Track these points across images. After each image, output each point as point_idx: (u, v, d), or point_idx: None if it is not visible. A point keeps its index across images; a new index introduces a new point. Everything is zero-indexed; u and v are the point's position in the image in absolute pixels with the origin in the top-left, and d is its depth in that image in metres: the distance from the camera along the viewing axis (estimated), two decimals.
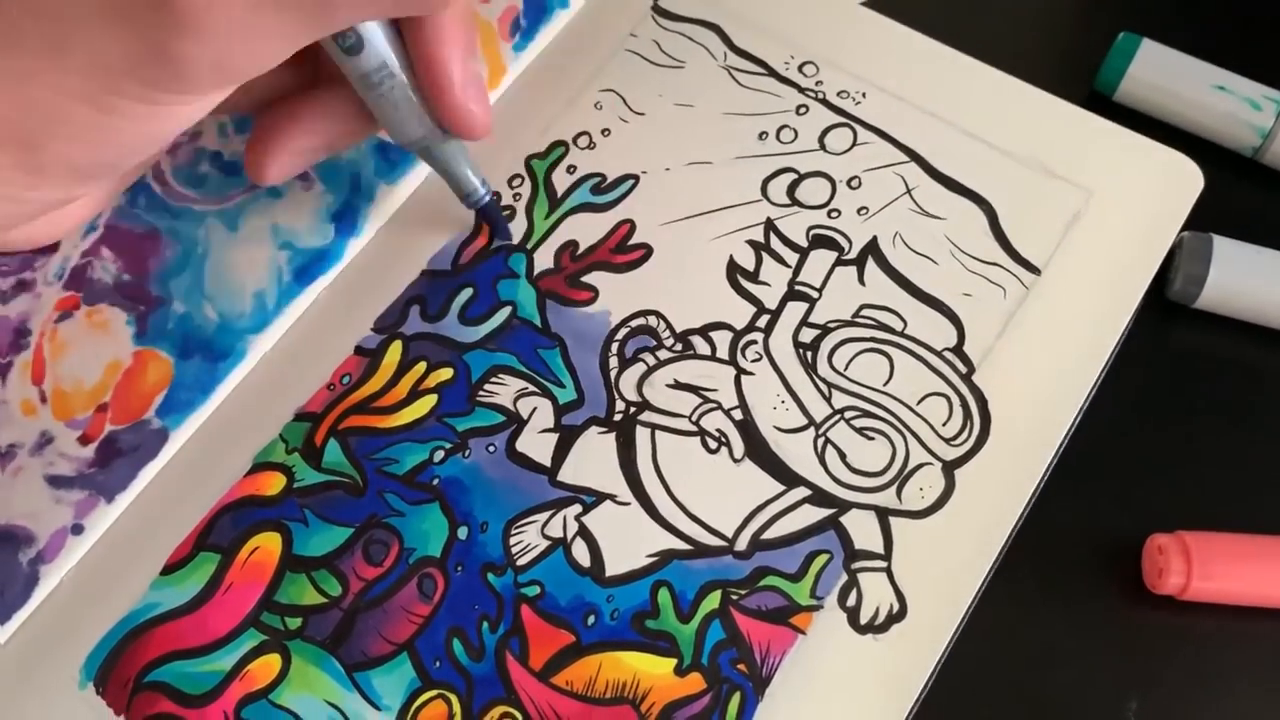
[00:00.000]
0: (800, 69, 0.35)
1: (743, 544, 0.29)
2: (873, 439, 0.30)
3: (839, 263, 0.32)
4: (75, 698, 0.28)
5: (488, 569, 0.29)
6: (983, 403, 0.30)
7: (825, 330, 0.31)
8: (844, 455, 0.30)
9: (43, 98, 0.23)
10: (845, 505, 0.29)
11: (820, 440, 0.30)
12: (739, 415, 0.30)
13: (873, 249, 0.32)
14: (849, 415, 0.30)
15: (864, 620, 0.28)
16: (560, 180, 0.34)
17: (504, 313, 0.32)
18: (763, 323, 0.31)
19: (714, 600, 0.28)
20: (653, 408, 0.30)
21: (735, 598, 0.28)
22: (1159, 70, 0.36)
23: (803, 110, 0.34)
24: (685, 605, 0.28)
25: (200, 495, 0.30)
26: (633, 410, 0.30)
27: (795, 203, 0.33)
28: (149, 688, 0.28)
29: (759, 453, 0.30)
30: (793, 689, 0.27)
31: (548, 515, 0.29)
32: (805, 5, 0.36)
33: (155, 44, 0.22)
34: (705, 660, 0.27)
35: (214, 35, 0.22)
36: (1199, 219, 0.32)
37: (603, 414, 0.30)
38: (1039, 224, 0.32)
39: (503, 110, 0.35)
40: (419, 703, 0.27)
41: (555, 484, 0.30)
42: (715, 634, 0.28)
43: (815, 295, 0.32)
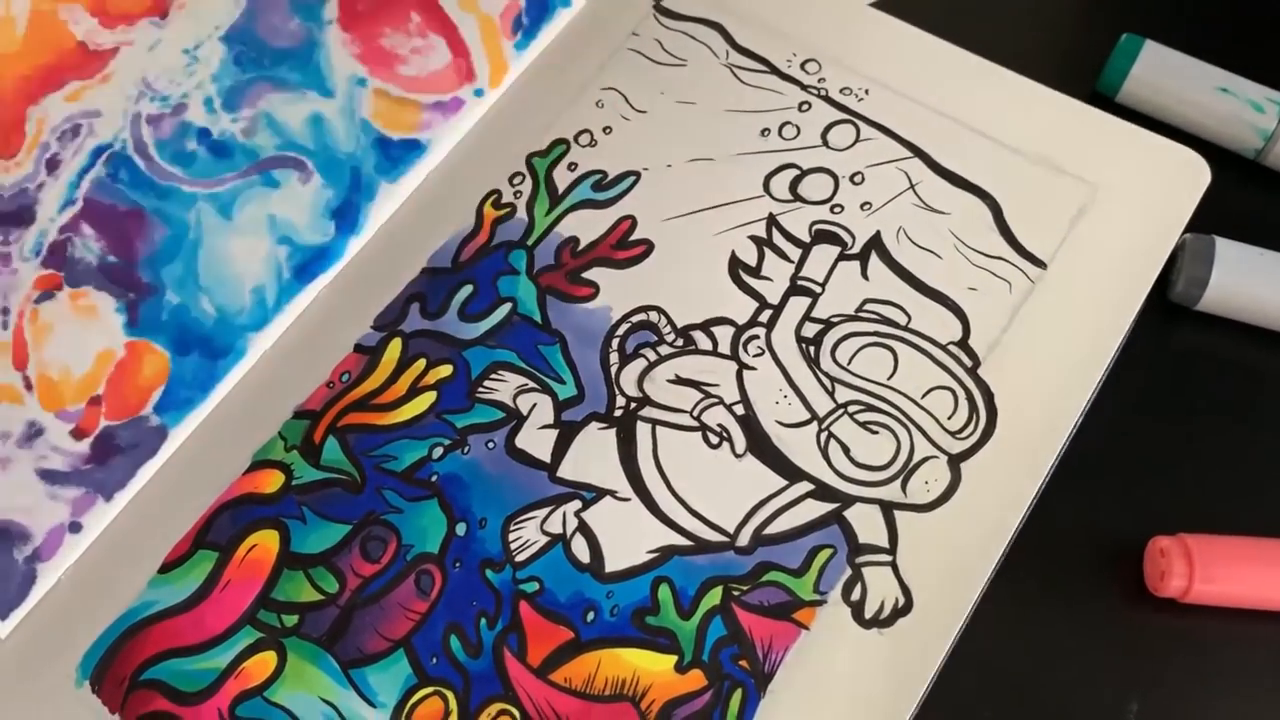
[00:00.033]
0: (803, 66, 0.35)
1: (745, 539, 0.28)
2: (877, 433, 0.29)
3: (842, 257, 0.32)
4: (71, 696, 0.28)
5: (486, 565, 0.28)
6: (989, 396, 0.30)
7: (828, 325, 0.31)
8: (847, 449, 0.29)
9: None
10: (849, 500, 0.29)
11: (823, 434, 0.29)
12: (741, 410, 0.30)
13: (876, 244, 0.32)
14: (852, 409, 0.30)
15: (869, 614, 0.27)
16: (561, 177, 0.34)
17: (504, 309, 0.32)
18: (765, 317, 0.31)
19: (715, 596, 0.28)
20: (654, 403, 0.30)
21: (737, 593, 0.28)
22: (1161, 72, 0.36)
23: (805, 107, 0.34)
24: (686, 601, 0.28)
25: (199, 493, 0.30)
26: (633, 406, 0.30)
27: (798, 198, 0.33)
28: (144, 685, 0.27)
29: (761, 447, 0.29)
30: (796, 685, 0.27)
31: (547, 511, 0.29)
32: (808, 4, 0.36)
33: None
34: (706, 657, 0.27)
35: None
36: (1201, 221, 0.32)
37: (603, 409, 0.30)
38: (1044, 218, 0.32)
39: (504, 108, 0.35)
40: (415, 700, 0.27)
41: (555, 480, 0.29)
42: (716, 630, 0.27)
43: (818, 290, 0.31)
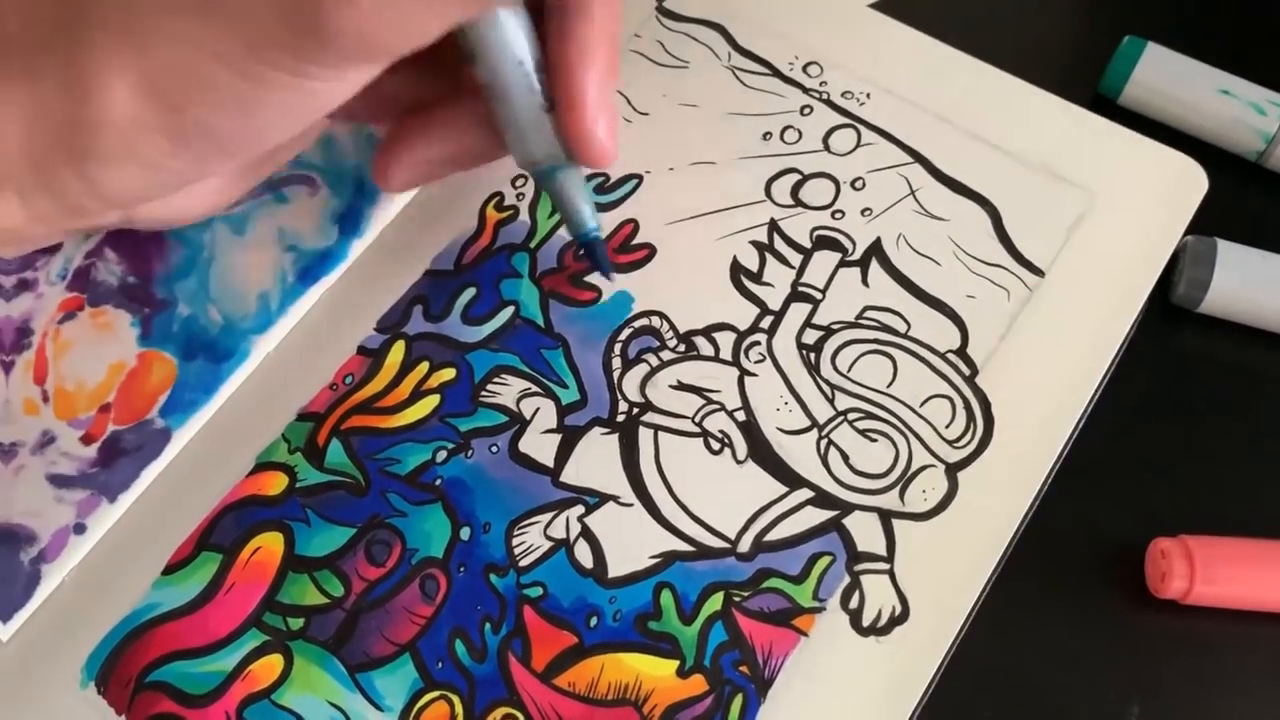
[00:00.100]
0: (805, 69, 0.35)
1: (745, 546, 0.29)
2: (875, 441, 0.30)
3: (842, 264, 0.32)
4: (76, 697, 0.28)
5: (490, 570, 0.29)
6: (986, 405, 0.30)
7: (829, 331, 0.31)
8: (847, 457, 0.30)
9: (189, 59, 0.22)
10: (848, 507, 0.29)
11: (823, 442, 0.30)
12: (742, 416, 0.30)
13: (876, 250, 0.32)
14: (852, 417, 0.30)
15: (866, 622, 0.28)
16: None
17: (507, 313, 0.32)
18: (766, 324, 0.31)
19: (716, 602, 0.28)
20: (656, 409, 0.30)
21: (738, 599, 0.28)
22: (1163, 74, 0.36)
23: (807, 111, 0.34)
24: (688, 607, 0.28)
25: (202, 495, 0.30)
26: (635, 411, 0.30)
27: (799, 203, 0.33)
28: (150, 688, 0.28)
29: (762, 454, 0.30)
30: (795, 691, 0.27)
31: (550, 516, 0.29)
32: (811, 6, 0.36)
33: (301, 6, 0.22)
34: (708, 662, 0.27)
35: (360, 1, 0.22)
36: (1203, 223, 0.32)
37: (605, 415, 0.30)
38: (1043, 226, 0.32)
39: None
40: (421, 704, 0.27)
41: (558, 485, 0.30)
42: (718, 636, 0.28)
43: (819, 296, 0.32)
